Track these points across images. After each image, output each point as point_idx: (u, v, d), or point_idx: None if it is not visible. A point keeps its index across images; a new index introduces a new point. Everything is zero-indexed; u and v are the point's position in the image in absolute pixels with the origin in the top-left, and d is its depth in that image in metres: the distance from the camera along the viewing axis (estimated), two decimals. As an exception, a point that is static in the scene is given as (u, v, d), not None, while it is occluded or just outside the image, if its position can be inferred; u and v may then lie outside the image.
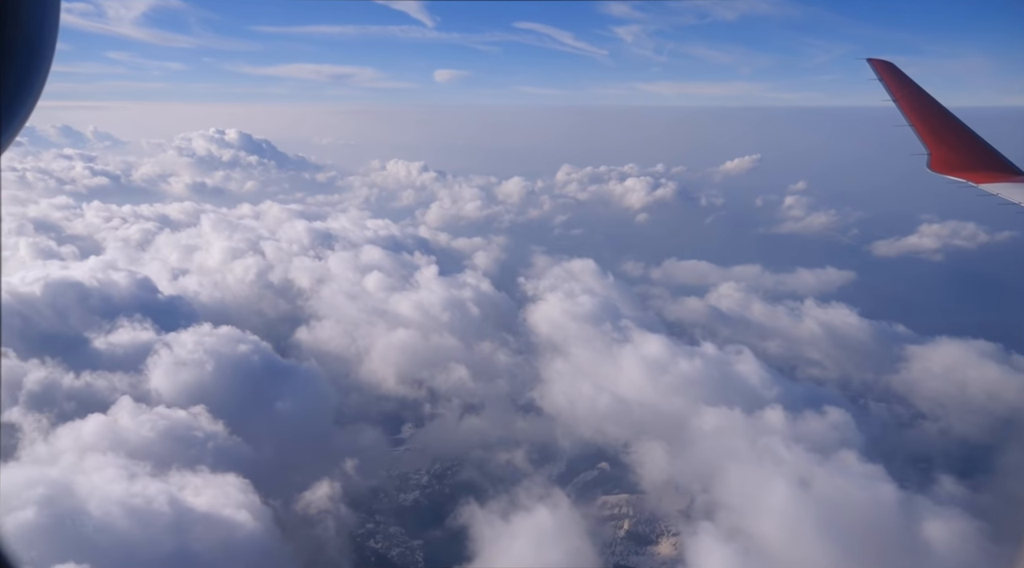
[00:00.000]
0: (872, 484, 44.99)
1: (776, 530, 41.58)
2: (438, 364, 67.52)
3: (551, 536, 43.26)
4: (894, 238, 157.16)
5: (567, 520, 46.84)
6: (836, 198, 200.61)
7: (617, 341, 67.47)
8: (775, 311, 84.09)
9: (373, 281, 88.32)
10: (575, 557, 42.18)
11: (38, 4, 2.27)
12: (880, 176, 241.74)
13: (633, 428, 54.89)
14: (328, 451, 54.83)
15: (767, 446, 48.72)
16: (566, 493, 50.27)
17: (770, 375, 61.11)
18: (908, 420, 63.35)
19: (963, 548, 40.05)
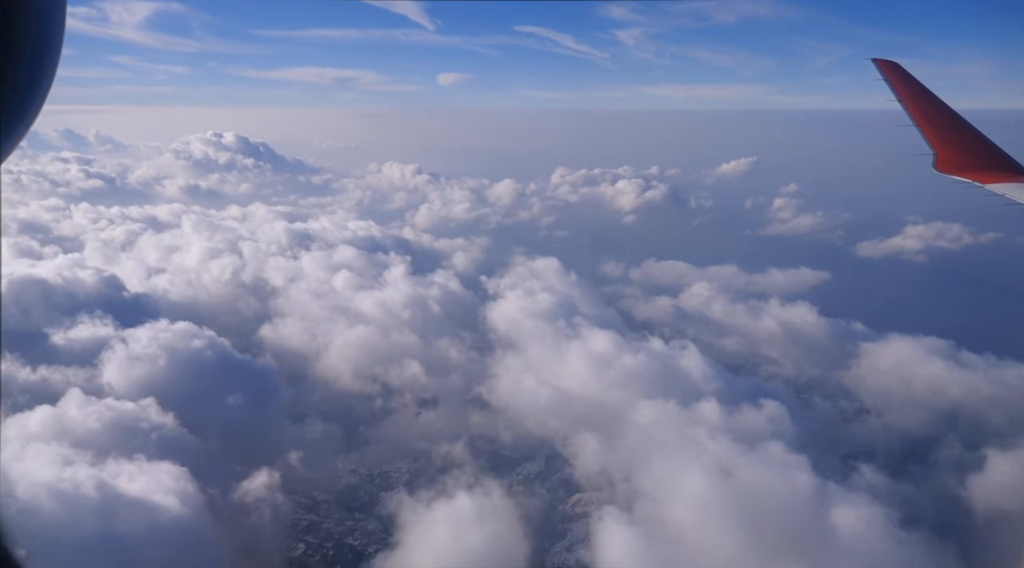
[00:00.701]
0: (791, 473, 46.39)
1: (688, 516, 43.02)
2: (394, 360, 69.13)
3: (474, 522, 44.82)
4: (878, 239, 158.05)
5: (498, 508, 48.36)
6: (828, 200, 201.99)
7: (568, 337, 69.04)
8: (736, 310, 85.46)
9: (341, 280, 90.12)
10: (496, 542, 43.67)
11: (44, 8, 2.29)
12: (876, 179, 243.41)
13: (573, 421, 56.39)
14: (274, 443, 56.42)
15: (693, 437, 50.14)
16: (501, 483, 51.69)
17: (712, 370, 62.54)
18: (851, 414, 64.65)
19: (868, 533, 41.40)
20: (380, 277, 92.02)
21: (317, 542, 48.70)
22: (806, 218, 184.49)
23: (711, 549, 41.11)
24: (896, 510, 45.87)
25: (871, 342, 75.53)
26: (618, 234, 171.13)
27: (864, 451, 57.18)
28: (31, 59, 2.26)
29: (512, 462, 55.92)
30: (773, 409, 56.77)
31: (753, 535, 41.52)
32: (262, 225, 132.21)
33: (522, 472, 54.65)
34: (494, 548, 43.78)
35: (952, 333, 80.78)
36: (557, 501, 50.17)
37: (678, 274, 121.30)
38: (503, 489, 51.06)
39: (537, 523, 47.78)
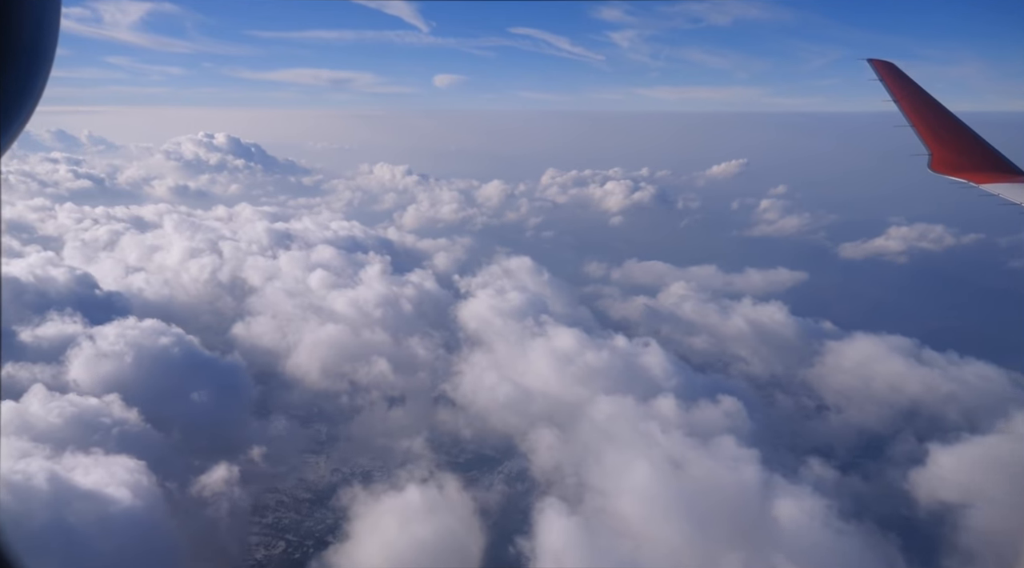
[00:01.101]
0: (739, 467, 47.23)
1: (633, 508, 43.88)
2: (363, 358, 69.93)
3: (427, 515, 45.64)
4: (861, 241, 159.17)
5: (454, 502, 49.17)
6: (816, 202, 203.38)
7: (534, 335, 69.90)
8: (707, 309, 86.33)
9: (316, 279, 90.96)
10: (448, 535, 44.51)
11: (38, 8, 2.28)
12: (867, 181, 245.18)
13: (533, 417, 57.18)
14: (237, 439, 57.22)
15: (646, 432, 51.00)
16: (458, 477, 52.46)
17: (673, 366, 63.40)
18: (811, 411, 65.54)
19: (808, 524, 42.29)
20: (355, 276, 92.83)
21: (273, 534, 49.46)
22: (792, 220, 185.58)
23: (654, 540, 41.93)
24: (841, 503, 46.82)
25: (837, 341, 76.33)
26: (604, 235, 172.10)
27: (819, 446, 58.03)
28: (25, 59, 2.27)
29: (472, 457, 56.76)
30: (730, 405, 57.61)
31: (696, 526, 42.36)
32: (246, 225, 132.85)
33: (480, 467, 55.44)
34: (445, 540, 44.57)
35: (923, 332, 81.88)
36: (513, 495, 50.94)
37: (658, 274, 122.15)
38: (460, 483, 51.79)
39: (491, 516, 48.56)
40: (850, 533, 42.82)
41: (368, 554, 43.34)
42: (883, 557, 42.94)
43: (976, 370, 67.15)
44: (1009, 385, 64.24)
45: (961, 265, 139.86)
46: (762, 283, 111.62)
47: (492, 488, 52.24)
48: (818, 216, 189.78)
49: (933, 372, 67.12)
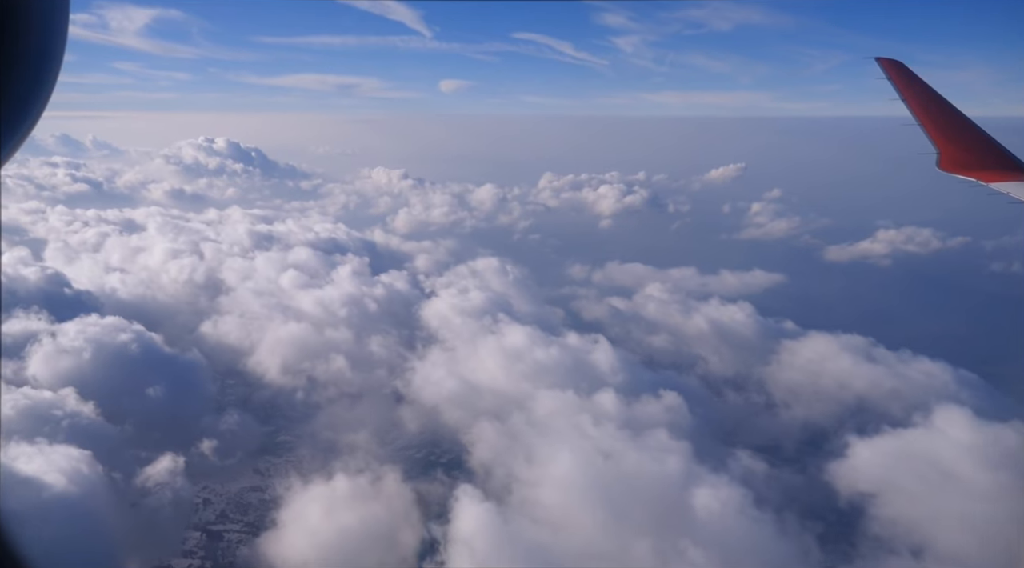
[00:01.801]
0: (665, 458, 48.66)
1: (555, 496, 45.38)
2: (323, 356, 71.57)
3: (357, 503, 47.23)
4: (847, 243, 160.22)
5: (391, 492, 50.75)
6: (812, 205, 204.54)
7: (489, 333, 71.42)
8: (671, 310, 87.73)
9: (287, 279, 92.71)
10: (376, 522, 46.07)
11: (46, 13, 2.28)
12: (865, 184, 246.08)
13: (478, 411, 58.68)
14: (189, 433, 58.96)
15: (579, 424, 52.48)
16: (397, 469, 53.99)
17: (620, 363, 64.88)
18: (760, 407, 66.90)
19: (721, 512, 43.71)
20: (327, 277, 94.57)
21: (214, 523, 51.07)
22: (781, 223, 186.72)
23: (570, 526, 43.40)
24: (766, 493, 48.40)
25: (795, 340, 77.59)
26: (592, 238, 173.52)
27: (759, 440, 59.38)
28: (33, 65, 2.28)
29: (414, 450, 58.34)
30: (672, 400, 59.06)
31: (613, 514, 43.81)
32: (230, 228, 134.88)
33: (422, 459, 57.01)
34: (372, 527, 46.14)
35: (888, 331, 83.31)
36: (449, 485, 52.35)
37: (638, 276, 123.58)
38: (400, 475, 53.32)
39: (425, 505, 50.03)
40: (764, 521, 44.14)
41: (295, 541, 44.86)
42: (797, 543, 44.26)
43: (923, 367, 68.41)
44: (952, 381, 65.44)
45: (943, 268, 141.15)
46: (736, 285, 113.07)
47: (430, 479, 53.71)
48: (809, 220, 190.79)
49: (880, 369, 68.36)
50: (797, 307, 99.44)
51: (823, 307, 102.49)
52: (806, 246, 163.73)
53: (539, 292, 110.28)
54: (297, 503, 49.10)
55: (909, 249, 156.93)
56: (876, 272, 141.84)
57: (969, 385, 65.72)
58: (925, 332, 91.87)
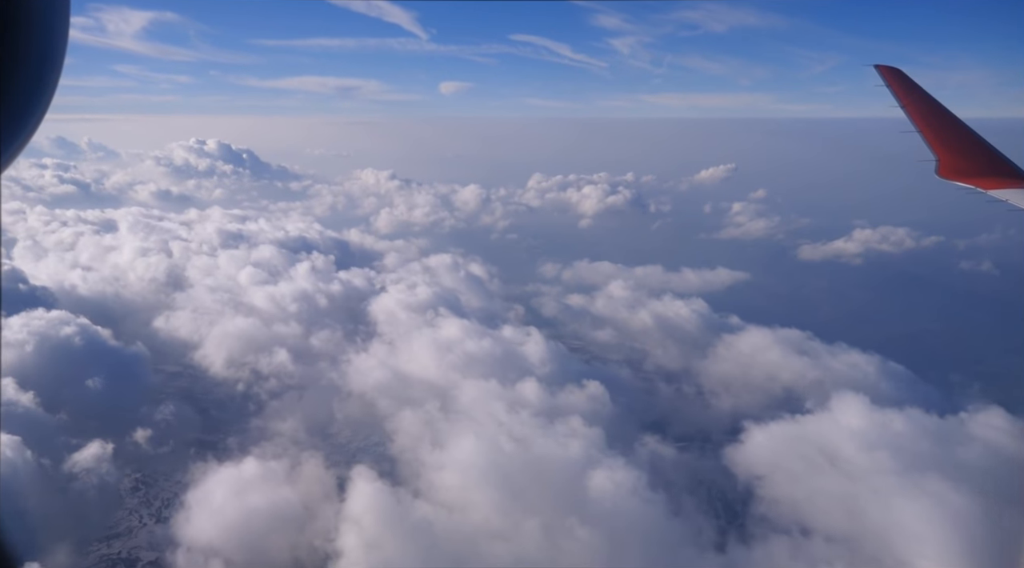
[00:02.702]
0: (570, 443, 50.55)
1: (457, 478, 47.36)
2: (267, 349, 73.55)
3: (268, 487, 49.24)
4: (822, 243, 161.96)
5: (308, 477, 52.70)
6: (795, 206, 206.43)
7: (428, 326, 73.44)
8: (617, 305, 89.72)
9: (245, 276, 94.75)
10: (286, 505, 48.00)
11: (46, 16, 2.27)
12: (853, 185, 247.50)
13: (404, 400, 60.63)
14: (125, 422, 60.98)
15: (494, 412, 54.43)
16: (318, 455, 55.89)
17: (550, 355, 66.83)
18: (690, 396, 68.77)
19: (613, 492, 45.63)
20: (286, 274, 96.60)
21: (137, 506, 53.01)
22: (759, 223, 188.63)
23: (466, 506, 45.35)
24: (668, 476, 50.36)
25: (735, 334, 79.42)
26: (570, 237, 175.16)
27: (678, 427, 61.46)
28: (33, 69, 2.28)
29: (340, 437, 60.26)
30: (595, 389, 60.98)
31: (509, 495, 45.72)
32: (203, 227, 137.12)
33: (344, 445, 58.97)
34: (288, 510, 48.04)
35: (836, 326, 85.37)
36: (363, 470, 54.13)
37: (605, 274, 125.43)
38: (321, 460, 55.25)
39: (342, 490, 51.87)
40: (656, 501, 46.02)
41: (210, 523, 46.78)
42: (689, 522, 46.17)
43: (850, 359, 70.21)
44: (876, 372, 67.30)
45: (914, 266, 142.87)
46: (697, 282, 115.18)
47: (351, 464, 55.52)
48: (790, 220, 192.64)
49: (808, 361, 70.12)
50: (752, 303, 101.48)
51: (779, 304, 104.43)
52: (780, 245, 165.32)
53: (504, 289, 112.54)
54: (218, 488, 50.90)
55: (883, 248, 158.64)
56: (846, 270, 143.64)
57: (893, 375, 67.73)
58: (875, 327, 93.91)
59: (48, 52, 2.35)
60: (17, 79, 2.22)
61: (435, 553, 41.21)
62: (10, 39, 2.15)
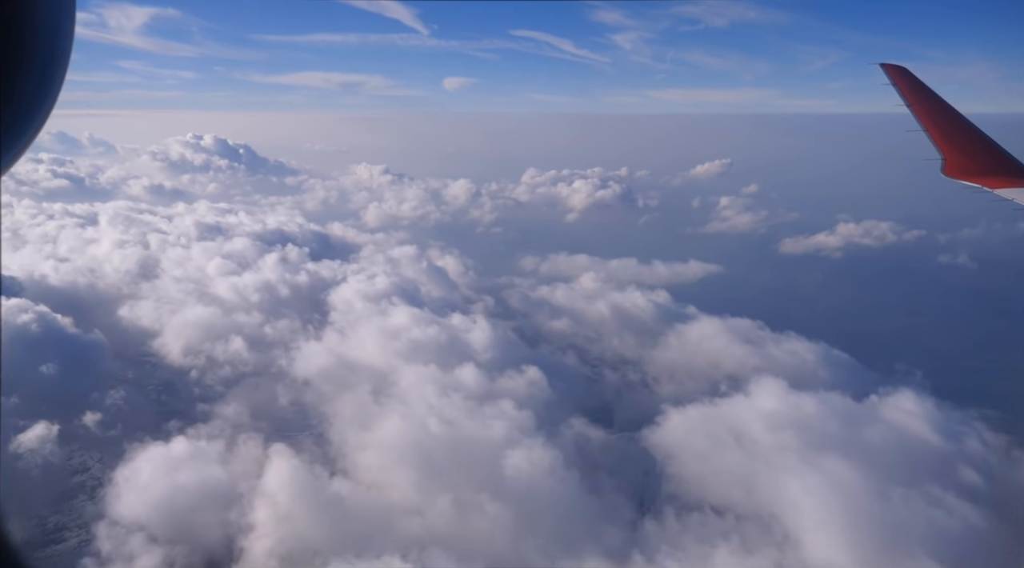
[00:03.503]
0: (496, 425, 52.33)
1: (381, 458, 49.16)
2: (224, 337, 75.47)
3: (201, 466, 51.10)
4: (804, 236, 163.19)
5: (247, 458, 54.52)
6: (785, 200, 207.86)
7: (380, 315, 75.30)
8: (576, 296, 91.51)
9: (214, 267, 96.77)
10: (217, 483, 49.84)
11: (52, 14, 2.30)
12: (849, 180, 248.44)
13: (346, 385, 62.45)
14: (75, 406, 62.92)
15: (428, 395, 56.27)
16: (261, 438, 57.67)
17: (494, 342, 68.63)
18: (633, 383, 70.41)
19: (529, 471, 47.38)
20: (254, 265, 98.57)
21: (76, 487, 54.94)
22: (745, 217, 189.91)
23: (386, 484, 47.21)
24: (592, 457, 52.24)
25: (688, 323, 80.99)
26: (555, 231, 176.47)
27: (619, 412, 63.11)
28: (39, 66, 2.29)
29: (280, 421, 62.03)
30: (534, 375, 62.72)
31: (429, 473, 47.51)
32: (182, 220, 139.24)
33: (284, 428, 60.78)
34: (220, 488, 49.83)
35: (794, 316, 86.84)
36: (300, 452, 55.89)
37: (580, 266, 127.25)
38: (260, 442, 57.00)
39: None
40: (570, 480, 47.77)
41: (141, 500, 48.63)
42: (605, 500, 47.92)
43: (793, 347, 71.72)
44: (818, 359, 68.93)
45: (891, 260, 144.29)
46: (667, 275, 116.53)
47: (288, 445, 57.26)
48: (777, 214, 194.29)
49: (753, 349, 71.69)
50: (718, 295, 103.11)
51: (745, 295, 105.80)
52: (762, 239, 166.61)
53: (478, 281, 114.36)
54: (153, 468, 52.71)
55: (864, 242, 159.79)
56: (824, 264, 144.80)
57: (834, 362, 69.27)
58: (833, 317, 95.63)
59: (53, 53, 2.37)
60: (22, 80, 2.24)
61: (345, 527, 43.00)
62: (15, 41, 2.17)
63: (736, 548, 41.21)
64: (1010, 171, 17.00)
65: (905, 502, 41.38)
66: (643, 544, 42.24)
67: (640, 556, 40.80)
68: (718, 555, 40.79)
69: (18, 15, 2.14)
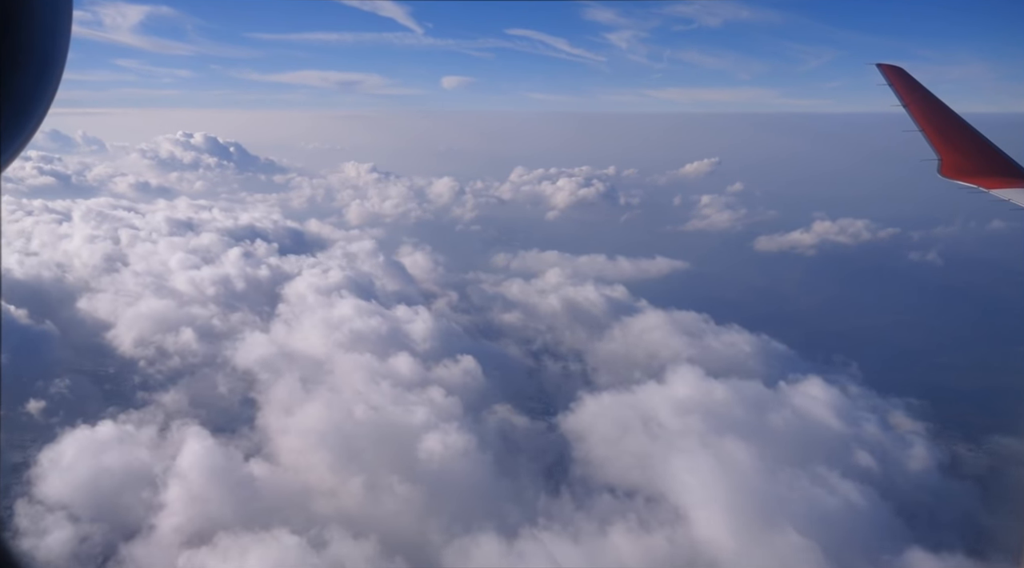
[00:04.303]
0: (418, 411, 54.08)
1: (301, 442, 50.96)
2: (175, 329, 77.28)
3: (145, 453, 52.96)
4: (779, 234, 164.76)
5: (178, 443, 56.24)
6: (770, 199, 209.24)
7: (326, 307, 77.13)
8: (530, 290, 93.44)
9: (176, 261, 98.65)
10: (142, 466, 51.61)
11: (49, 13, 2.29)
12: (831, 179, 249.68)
13: (285, 375, 64.17)
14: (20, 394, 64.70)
15: (356, 382, 58.04)
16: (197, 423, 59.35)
17: (436, 332, 70.50)
18: (570, 373, 72.25)
19: (442, 454, 49.17)
20: (217, 260, 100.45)
21: (8, 468, 56.65)
22: (725, 215, 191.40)
23: (301, 466, 48.98)
24: (514, 442, 54.07)
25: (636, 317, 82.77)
26: (534, 228, 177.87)
27: (540, 398, 65.05)
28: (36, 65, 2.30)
29: (215, 408, 63.73)
30: (469, 364, 64.51)
31: (344, 456, 49.25)
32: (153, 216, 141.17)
33: (220, 415, 62.51)
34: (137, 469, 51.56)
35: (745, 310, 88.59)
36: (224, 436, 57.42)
37: (549, 263, 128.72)
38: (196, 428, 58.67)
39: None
40: (484, 462, 49.56)
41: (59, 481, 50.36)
42: (514, 481, 49.68)
43: (732, 338, 73.48)
44: (750, 350, 70.67)
45: (862, 257, 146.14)
46: (632, 271, 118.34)
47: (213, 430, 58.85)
48: (756, 212, 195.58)
49: (688, 340, 73.41)
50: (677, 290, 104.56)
51: (705, 290, 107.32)
52: (738, 236, 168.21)
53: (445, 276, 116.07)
54: (83, 453, 54.43)
55: (839, 240, 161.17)
56: (796, 261, 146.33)
57: (770, 353, 71.01)
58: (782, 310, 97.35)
59: (50, 54, 2.36)
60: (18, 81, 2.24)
61: (254, 505, 44.74)
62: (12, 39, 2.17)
63: (630, 526, 42.92)
64: (1007, 172, 17.16)
65: (790, 481, 43.06)
66: (539, 522, 43.94)
67: (533, 532, 42.53)
68: (612, 532, 42.51)
69: (15, 13, 2.16)
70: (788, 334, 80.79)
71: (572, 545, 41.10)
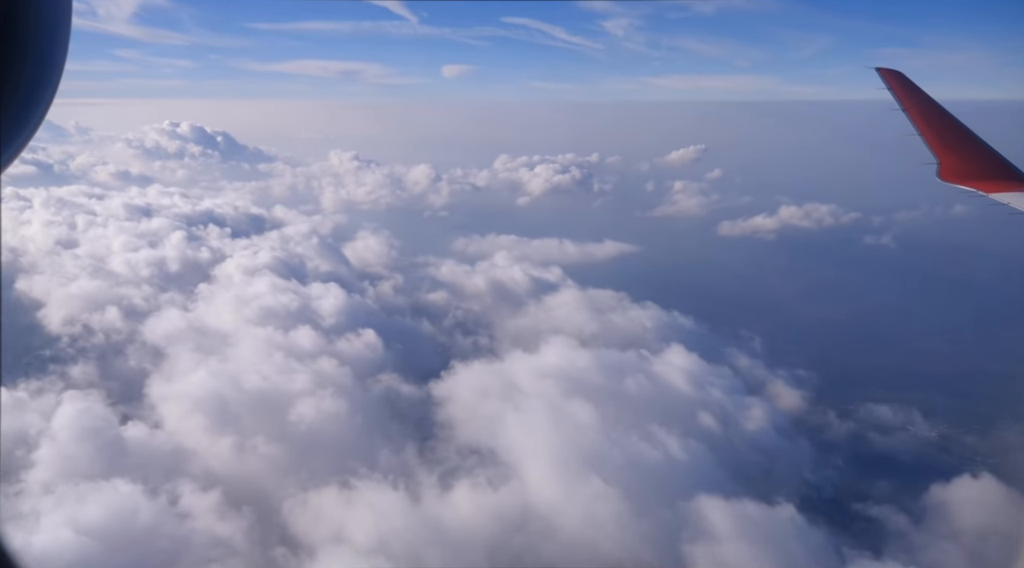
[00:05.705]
0: (299, 377, 57.20)
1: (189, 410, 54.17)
2: (102, 308, 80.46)
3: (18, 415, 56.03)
4: (743, 219, 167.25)
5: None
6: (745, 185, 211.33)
7: (243, 285, 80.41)
8: (460, 271, 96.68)
9: (119, 244, 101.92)
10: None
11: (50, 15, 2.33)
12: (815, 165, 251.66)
13: (194, 348, 67.29)
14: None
15: (250, 354, 61.22)
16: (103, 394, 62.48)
17: (345, 308, 73.60)
18: (479, 347, 75.44)
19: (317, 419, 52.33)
20: (160, 244, 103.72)
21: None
22: (695, 200, 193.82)
23: (182, 430, 52.21)
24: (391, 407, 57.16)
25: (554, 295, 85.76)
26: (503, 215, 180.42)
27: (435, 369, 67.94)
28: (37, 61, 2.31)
29: (124, 379, 66.81)
30: (370, 338, 67.59)
31: (222, 420, 52.44)
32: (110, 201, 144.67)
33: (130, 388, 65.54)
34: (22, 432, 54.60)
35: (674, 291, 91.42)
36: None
37: (503, 246, 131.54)
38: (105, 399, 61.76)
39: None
40: (353, 425, 52.66)
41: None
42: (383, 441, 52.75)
43: (639, 315, 76.38)
44: (652, 325, 73.52)
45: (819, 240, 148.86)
46: (577, 254, 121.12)
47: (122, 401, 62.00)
48: (728, 198, 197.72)
49: (597, 316, 76.30)
50: (617, 273, 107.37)
51: (644, 272, 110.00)
52: (703, 222, 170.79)
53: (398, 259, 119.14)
54: None
55: (802, 225, 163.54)
56: (755, 245, 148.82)
57: (675, 328, 73.83)
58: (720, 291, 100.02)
59: (50, 54, 2.39)
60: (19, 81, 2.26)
61: (122, 462, 47.90)
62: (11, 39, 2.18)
63: (474, 482, 46.00)
64: (1004, 175, 17.40)
65: (620, 439, 45.91)
66: (385, 478, 47.05)
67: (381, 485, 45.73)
68: (455, 487, 45.66)
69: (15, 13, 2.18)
70: (708, 311, 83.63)
71: (405, 497, 44.26)
